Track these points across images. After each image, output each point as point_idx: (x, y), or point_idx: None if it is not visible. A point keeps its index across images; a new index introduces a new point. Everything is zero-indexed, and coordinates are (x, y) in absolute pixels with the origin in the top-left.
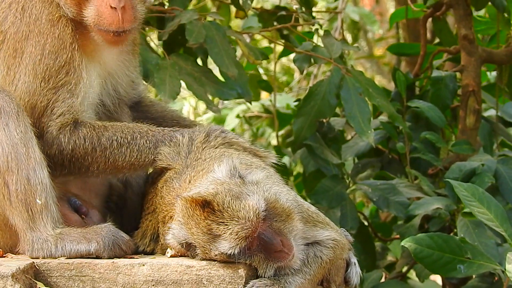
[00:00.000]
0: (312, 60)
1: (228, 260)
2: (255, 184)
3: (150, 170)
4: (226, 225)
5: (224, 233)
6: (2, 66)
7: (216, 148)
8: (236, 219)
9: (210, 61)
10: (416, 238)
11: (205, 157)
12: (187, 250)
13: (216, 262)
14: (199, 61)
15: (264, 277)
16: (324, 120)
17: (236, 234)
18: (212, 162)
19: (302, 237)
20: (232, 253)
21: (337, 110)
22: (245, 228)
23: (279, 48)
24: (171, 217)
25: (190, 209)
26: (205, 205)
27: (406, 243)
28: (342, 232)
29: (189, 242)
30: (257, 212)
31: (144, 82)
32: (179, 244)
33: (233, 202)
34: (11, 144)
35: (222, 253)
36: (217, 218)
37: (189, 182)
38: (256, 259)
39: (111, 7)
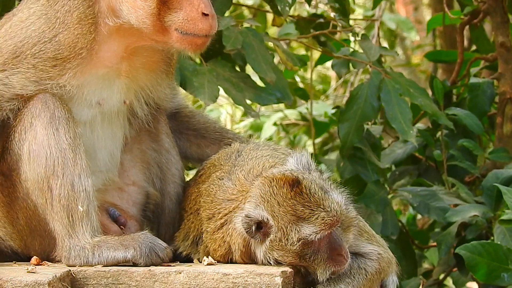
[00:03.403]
0: (351, 65)
1: (290, 254)
2: (331, 184)
3: (189, 176)
4: (312, 210)
5: (310, 217)
6: None
7: (264, 150)
8: (322, 206)
9: (248, 67)
10: (469, 246)
11: (255, 155)
12: (254, 234)
13: (253, 270)
14: (237, 68)
15: (318, 280)
16: (368, 124)
17: (323, 220)
18: (267, 159)
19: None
20: (313, 239)
21: None
22: (331, 216)
23: (316, 56)
24: (226, 214)
25: (275, 187)
26: (295, 185)
27: (460, 250)
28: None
29: (265, 221)
30: (340, 205)
31: (182, 91)
32: (248, 225)
33: (319, 191)
34: (59, 149)
35: (302, 238)
36: (303, 201)
37: (244, 178)
38: (319, 257)
39: (203, 13)
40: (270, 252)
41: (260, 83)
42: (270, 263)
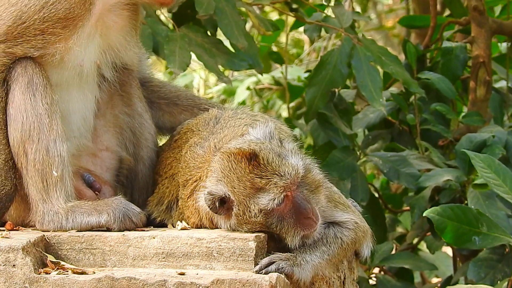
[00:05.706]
0: (323, 30)
1: (257, 225)
2: (291, 150)
3: (162, 141)
4: (268, 178)
5: (266, 186)
6: None
7: (242, 119)
8: (278, 173)
9: (219, 34)
10: (438, 209)
11: (233, 124)
12: (218, 209)
13: (227, 235)
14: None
15: (290, 247)
16: (336, 90)
17: (275, 185)
18: (242, 127)
19: (322, 215)
20: (270, 207)
21: (347, 82)
22: (284, 180)
23: (290, 21)
24: (195, 180)
25: (234, 162)
26: (252, 158)
27: (429, 214)
28: (359, 210)
29: (227, 197)
30: (296, 169)
31: (149, 62)
32: (211, 202)
33: (276, 159)
34: (35, 113)
35: (262, 209)
36: (261, 172)
37: (215, 147)
38: (285, 224)
39: None
40: (239, 226)
41: (231, 49)
42: None
